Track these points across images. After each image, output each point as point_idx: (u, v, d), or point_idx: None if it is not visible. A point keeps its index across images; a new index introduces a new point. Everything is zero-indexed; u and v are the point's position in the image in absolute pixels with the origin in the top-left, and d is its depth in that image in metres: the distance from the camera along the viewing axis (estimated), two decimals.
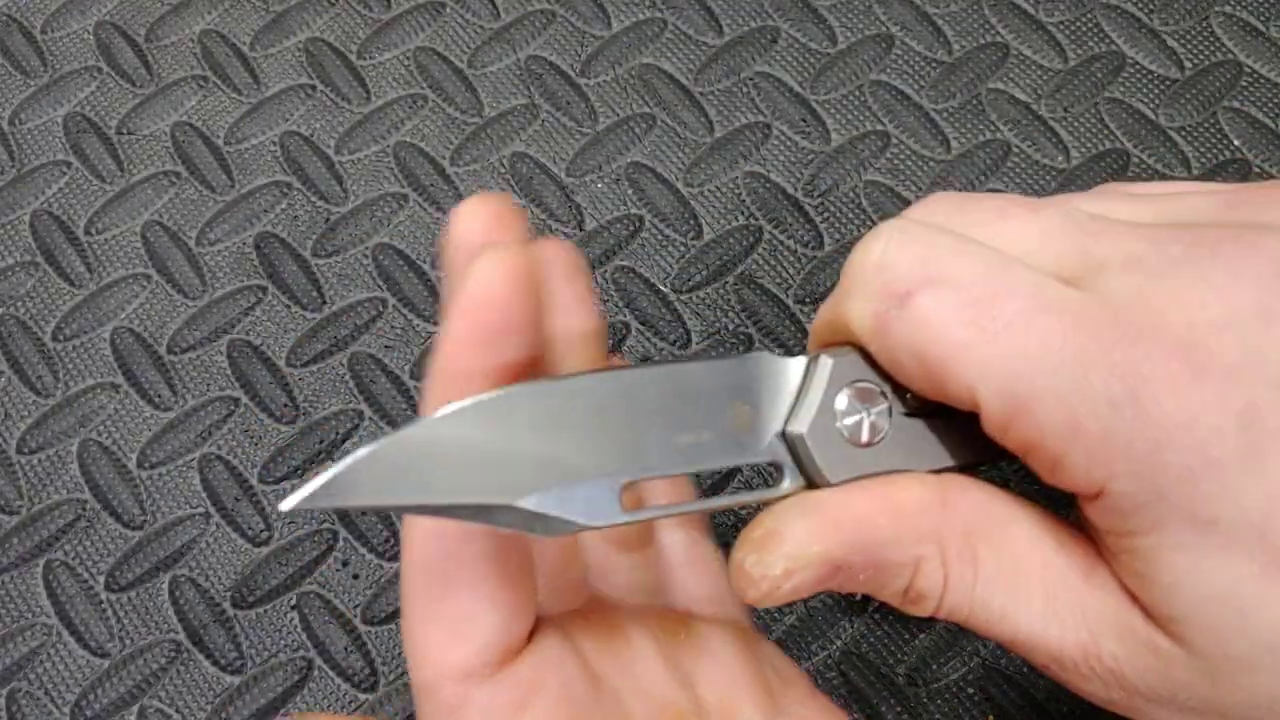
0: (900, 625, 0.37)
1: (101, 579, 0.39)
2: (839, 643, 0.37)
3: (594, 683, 0.27)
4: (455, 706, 0.26)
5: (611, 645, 0.28)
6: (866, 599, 0.37)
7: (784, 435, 0.26)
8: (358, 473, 0.22)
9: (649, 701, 0.27)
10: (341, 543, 0.39)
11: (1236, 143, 0.43)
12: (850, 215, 0.43)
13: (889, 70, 0.45)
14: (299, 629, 0.38)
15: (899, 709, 0.36)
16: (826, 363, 0.26)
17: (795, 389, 0.26)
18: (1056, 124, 0.44)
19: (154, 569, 0.39)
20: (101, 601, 0.39)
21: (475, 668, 0.26)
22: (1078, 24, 0.45)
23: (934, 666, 0.36)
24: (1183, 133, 0.43)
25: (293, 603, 0.38)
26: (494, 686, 0.26)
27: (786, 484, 0.26)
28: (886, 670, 0.36)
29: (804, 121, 0.44)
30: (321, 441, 0.40)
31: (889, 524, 0.26)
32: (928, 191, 0.43)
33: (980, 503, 0.26)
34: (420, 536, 0.25)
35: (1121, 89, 0.44)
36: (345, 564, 0.39)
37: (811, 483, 0.26)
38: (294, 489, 0.39)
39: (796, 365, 0.26)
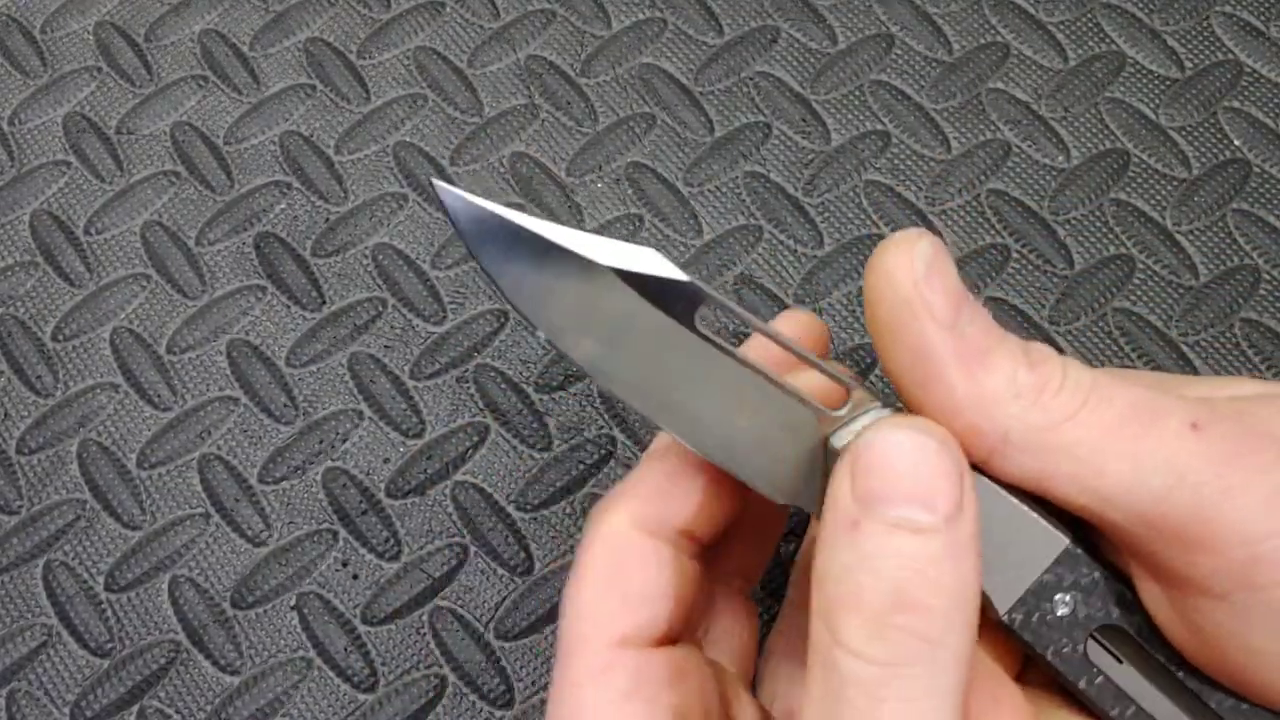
0: None
1: (101, 579, 0.39)
2: None
3: (725, 699, 0.29)
4: (602, 667, 0.26)
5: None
6: None
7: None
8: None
9: None
10: (341, 543, 0.39)
11: (1237, 143, 0.43)
12: (850, 215, 0.43)
13: (889, 70, 0.45)
14: (298, 629, 0.38)
15: None
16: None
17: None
18: (1057, 124, 0.44)
19: (154, 569, 0.39)
20: (101, 601, 0.39)
21: (634, 638, 0.26)
22: (1078, 24, 0.45)
23: None
24: (1183, 132, 0.43)
25: (292, 603, 0.38)
26: (646, 657, 0.26)
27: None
28: None
29: (804, 121, 0.44)
30: (321, 441, 0.40)
31: None
32: (928, 191, 0.43)
33: None
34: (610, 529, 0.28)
35: (1122, 89, 0.44)
36: (345, 564, 0.39)
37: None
38: (294, 486, 0.39)
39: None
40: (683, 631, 0.28)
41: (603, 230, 0.43)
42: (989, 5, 0.46)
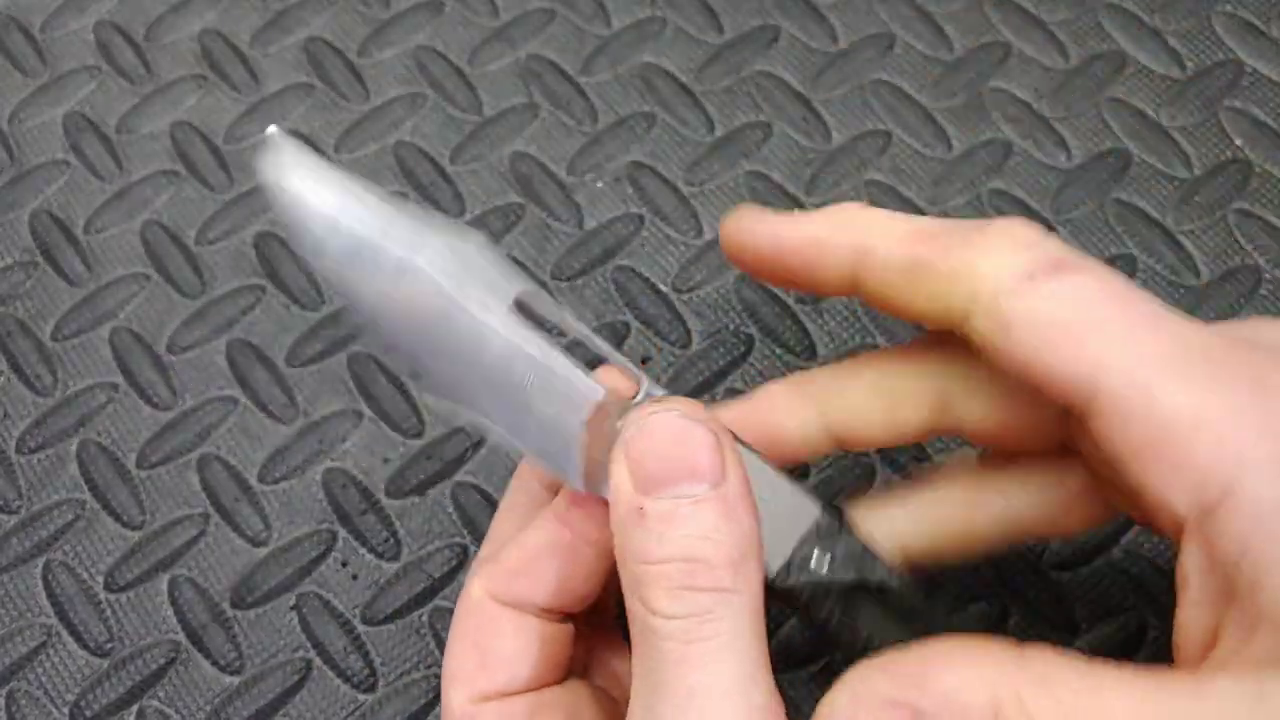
0: None
1: (100, 579, 0.39)
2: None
3: None
4: (465, 717, 0.29)
5: None
6: None
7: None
8: None
9: None
10: (341, 543, 0.39)
11: (1238, 142, 0.43)
12: None
13: (890, 69, 0.45)
14: (298, 629, 0.38)
15: None
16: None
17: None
18: (1058, 123, 0.44)
19: (153, 569, 0.39)
20: (100, 601, 0.38)
21: (494, 694, 0.29)
22: (1079, 23, 0.45)
23: None
24: (1184, 132, 0.43)
25: (292, 603, 0.38)
26: (508, 704, 0.29)
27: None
28: None
29: (805, 120, 0.44)
30: (321, 441, 0.40)
31: None
32: (930, 191, 0.43)
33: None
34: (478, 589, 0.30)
35: (1123, 88, 0.44)
36: (344, 564, 0.39)
37: None
38: (294, 486, 0.39)
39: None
40: (555, 677, 0.30)
41: (603, 230, 0.43)
42: (990, 4, 0.46)
